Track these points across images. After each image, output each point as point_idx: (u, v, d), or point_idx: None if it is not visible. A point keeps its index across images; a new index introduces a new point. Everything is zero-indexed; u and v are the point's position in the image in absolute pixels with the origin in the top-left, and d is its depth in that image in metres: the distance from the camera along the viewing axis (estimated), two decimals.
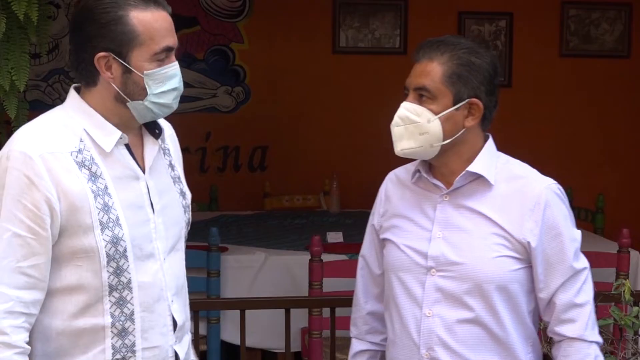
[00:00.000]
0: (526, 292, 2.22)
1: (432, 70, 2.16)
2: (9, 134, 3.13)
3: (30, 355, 1.96)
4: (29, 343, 1.95)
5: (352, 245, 4.72)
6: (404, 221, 2.27)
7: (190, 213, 2.21)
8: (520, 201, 2.18)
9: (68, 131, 1.99)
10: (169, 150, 2.17)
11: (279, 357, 4.44)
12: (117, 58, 1.96)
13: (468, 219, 2.20)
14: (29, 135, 1.98)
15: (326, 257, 3.97)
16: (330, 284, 3.93)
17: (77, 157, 1.96)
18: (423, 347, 2.19)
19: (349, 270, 4.10)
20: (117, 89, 1.99)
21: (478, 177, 2.21)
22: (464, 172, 2.20)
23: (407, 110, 2.18)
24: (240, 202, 6.26)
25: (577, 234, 2.24)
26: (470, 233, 2.19)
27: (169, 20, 2.01)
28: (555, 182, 2.24)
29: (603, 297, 2.95)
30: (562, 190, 2.24)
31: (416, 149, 2.18)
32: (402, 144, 2.19)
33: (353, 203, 6.10)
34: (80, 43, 1.99)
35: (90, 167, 1.97)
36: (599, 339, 2.23)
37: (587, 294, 2.22)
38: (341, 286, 4.03)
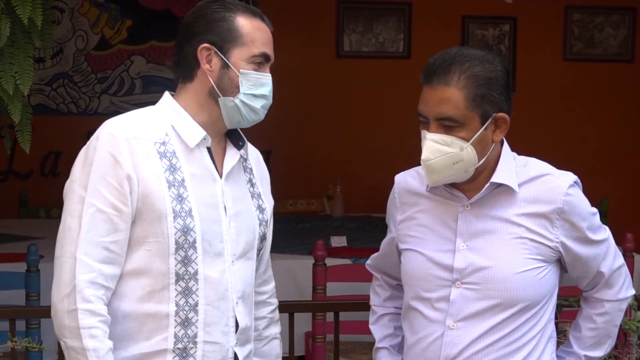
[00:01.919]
0: (553, 294, 2.19)
1: (452, 96, 2.04)
2: (13, 138, 3.15)
3: None
4: None
5: (356, 250, 4.73)
6: (425, 231, 2.19)
7: (266, 229, 2.31)
8: (543, 202, 2.12)
9: (156, 124, 2.10)
10: (251, 169, 2.29)
11: None
12: (218, 52, 2.09)
13: (492, 226, 2.13)
14: (119, 121, 2.08)
15: (330, 261, 3.95)
16: (334, 288, 3.93)
17: (160, 147, 2.06)
18: (443, 359, 2.13)
19: (353, 275, 4.10)
20: (213, 82, 2.10)
21: (501, 185, 2.13)
22: (488, 185, 2.12)
23: (436, 142, 2.06)
24: None
25: (595, 217, 2.20)
26: (496, 238, 2.12)
27: (270, 35, 2.19)
28: (571, 175, 2.17)
29: None
30: (577, 180, 2.18)
31: (450, 177, 2.10)
32: (436, 176, 2.10)
33: (357, 207, 6.10)
34: (187, 38, 2.11)
35: (170, 159, 2.06)
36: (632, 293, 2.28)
37: (619, 256, 2.24)
38: (345, 290, 4.03)
